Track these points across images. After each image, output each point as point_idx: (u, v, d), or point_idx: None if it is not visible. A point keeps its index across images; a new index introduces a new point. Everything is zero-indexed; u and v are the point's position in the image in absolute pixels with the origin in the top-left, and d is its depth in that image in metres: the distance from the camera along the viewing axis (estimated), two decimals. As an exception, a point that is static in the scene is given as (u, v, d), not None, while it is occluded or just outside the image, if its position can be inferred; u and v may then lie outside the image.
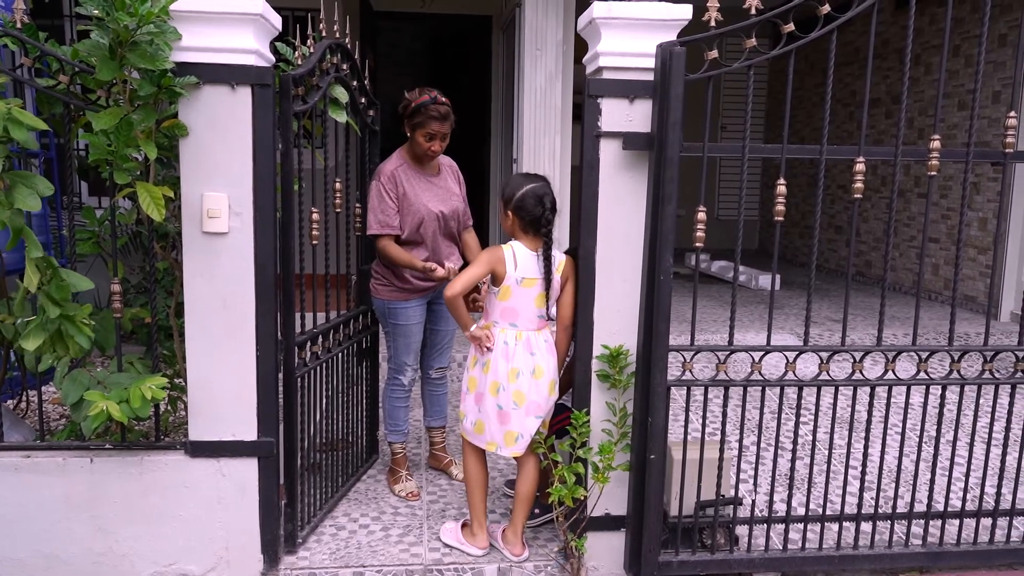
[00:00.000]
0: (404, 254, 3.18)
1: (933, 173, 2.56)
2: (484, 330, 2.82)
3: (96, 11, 2.26)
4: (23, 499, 2.62)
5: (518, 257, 2.75)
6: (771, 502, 2.81)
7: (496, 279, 2.77)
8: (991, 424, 2.82)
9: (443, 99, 3.18)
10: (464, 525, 2.99)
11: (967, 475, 2.90)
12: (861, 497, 2.78)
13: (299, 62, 2.90)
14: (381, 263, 3.27)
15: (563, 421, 2.85)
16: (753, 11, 2.40)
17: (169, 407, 3.14)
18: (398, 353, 3.36)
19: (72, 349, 2.53)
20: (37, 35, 2.58)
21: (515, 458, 2.92)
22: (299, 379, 2.79)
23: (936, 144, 2.53)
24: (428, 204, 3.22)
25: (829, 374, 2.67)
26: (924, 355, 2.70)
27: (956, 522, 2.94)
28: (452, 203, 3.33)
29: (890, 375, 2.70)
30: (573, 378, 2.78)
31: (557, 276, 2.79)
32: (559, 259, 2.82)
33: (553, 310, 2.83)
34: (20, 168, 2.63)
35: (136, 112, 2.41)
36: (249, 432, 2.67)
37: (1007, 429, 2.82)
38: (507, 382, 2.76)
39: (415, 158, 3.27)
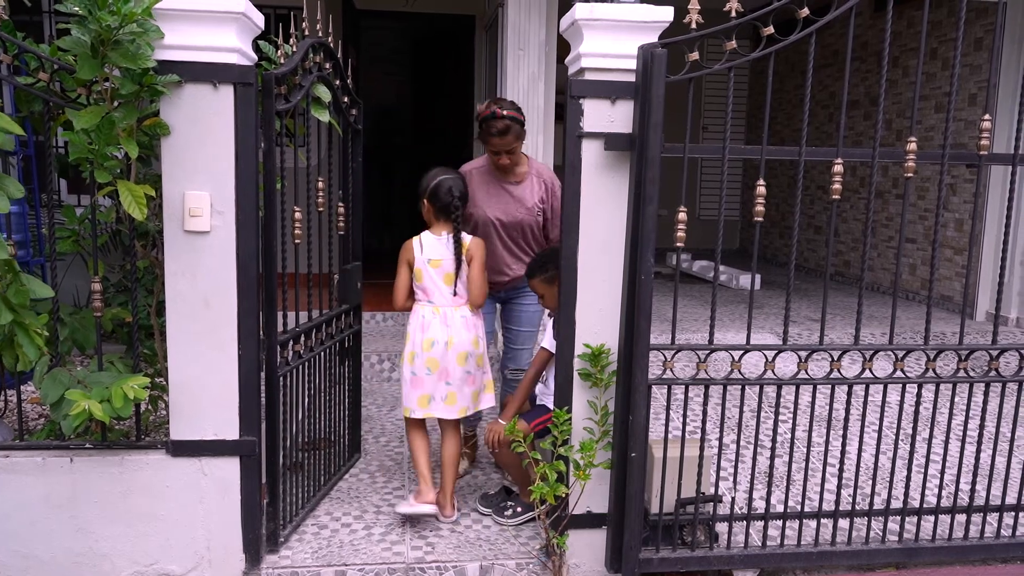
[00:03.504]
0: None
1: (910, 175, 2.60)
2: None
3: (78, 9, 2.24)
4: (1, 499, 2.60)
5: (424, 243, 3.08)
6: (750, 499, 2.84)
7: (411, 265, 3.10)
8: (966, 422, 2.87)
9: (504, 112, 3.13)
10: (416, 494, 3.11)
11: (942, 472, 2.95)
12: (839, 494, 2.82)
13: (282, 61, 2.89)
14: None
15: (545, 421, 2.87)
16: (733, 14, 2.43)
17: (150, 406, 3.12)
18: None
19: (22, 359, 2.49)
20: (15, 32, 2.55)
21: (439, 425, 3.17)
22: (281, 378, 2.79)
23: (912, 146, 2.56)
24: (485, 209, 3.26)
25: (808, 373, 2.71)
26: (901, 354, 2.75)
27: (932, 518, 2.98)
28: (516, 214, 3.31)
29: (867, 374, 2.74)
30: None
31: (463, 255, 3.06)
32: (466, 240, 3.08)
33: (462, 287, 3.07)
34: (-2, 166, 2.60)
35: (117, 110, 2.39)
36: (231, 431, 2.66)
37: (981, 426, 2.86)
38: (421, 350, 3.06)
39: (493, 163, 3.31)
